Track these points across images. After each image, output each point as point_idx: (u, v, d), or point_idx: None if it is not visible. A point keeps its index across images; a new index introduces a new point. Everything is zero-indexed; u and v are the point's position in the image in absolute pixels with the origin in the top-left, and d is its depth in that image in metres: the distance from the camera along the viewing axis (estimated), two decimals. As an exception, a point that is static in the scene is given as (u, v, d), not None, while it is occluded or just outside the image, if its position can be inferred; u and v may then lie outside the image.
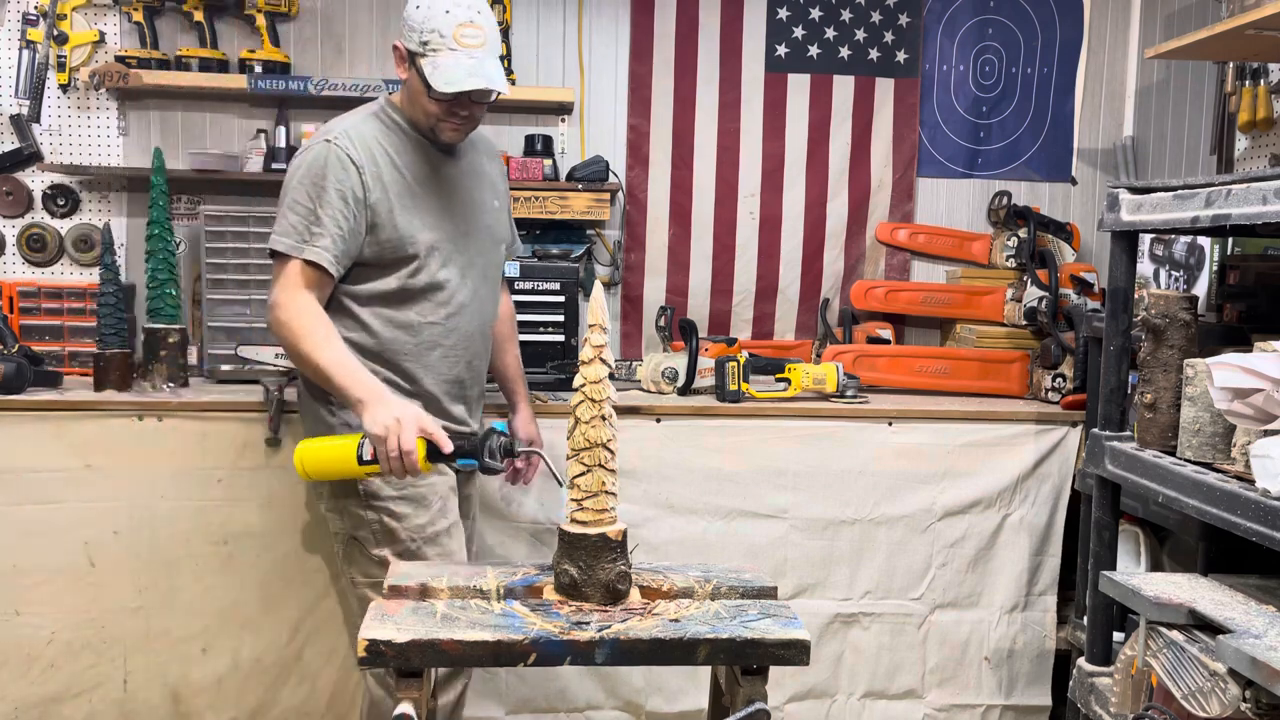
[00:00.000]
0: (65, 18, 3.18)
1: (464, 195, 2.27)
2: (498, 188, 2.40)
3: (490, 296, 2.35)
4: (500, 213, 2.39)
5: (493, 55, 2.11)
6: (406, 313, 2.19)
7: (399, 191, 2.16)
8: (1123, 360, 2.14)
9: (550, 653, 1.57)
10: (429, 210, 2.20)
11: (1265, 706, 1.53)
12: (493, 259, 2.35)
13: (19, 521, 2.65)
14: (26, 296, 3.09)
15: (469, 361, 2.30)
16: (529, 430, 2.51)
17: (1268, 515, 1.60)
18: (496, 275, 2.39)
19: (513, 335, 2.55)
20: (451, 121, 2.16)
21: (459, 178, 2.27)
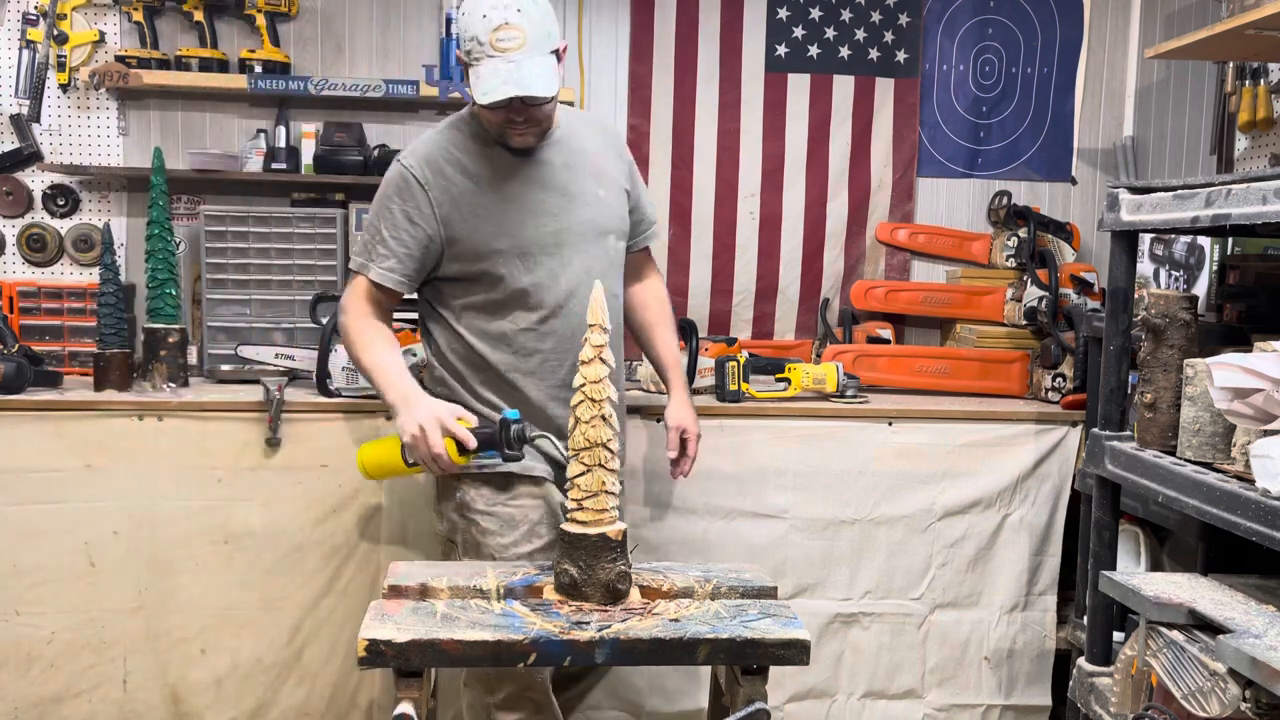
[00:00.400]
0: (65, 18, 3.18)
1: (553, 193, 2.20)
2: (605, 174, 2.28)
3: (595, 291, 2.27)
4: (607, 201, 2.27)
5: (535, 55, 2.00)
6: (499, 323, 2.19)
7: (471, 202, 2.15)
8: (1123, 360, 2.14)
9: (550, 653, 1.57)
10: (506, 217, 2.16)
11: (1265, 706, 1.52)
12: (596, 252, 2.23)
13: (19, 521, 2.65)
14: (26, 296, 3.09)
15: (574, 364, 2.16)
16: (677, 417, 2.42)
17: (1268, 515, 1.60)
18: (604, 267, 2.23)
19: (662, 320, 2.46)
20: (513, 129, 2.11)
21: (546, 176, 2.20)
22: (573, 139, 2.25)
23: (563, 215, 2.20)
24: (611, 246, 2.28)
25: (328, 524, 2.72)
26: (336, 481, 2.71)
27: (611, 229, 2.28)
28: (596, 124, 2.39)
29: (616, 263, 2.30)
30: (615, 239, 2.29)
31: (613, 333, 2.17)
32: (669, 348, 2.45)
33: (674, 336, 2.47)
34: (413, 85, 3.18)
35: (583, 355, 1.73)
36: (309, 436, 2.70)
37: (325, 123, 3.26)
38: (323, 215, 3.10)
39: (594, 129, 2.34)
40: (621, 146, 2.39)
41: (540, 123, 2.13)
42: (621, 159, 2.36)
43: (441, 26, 3.31)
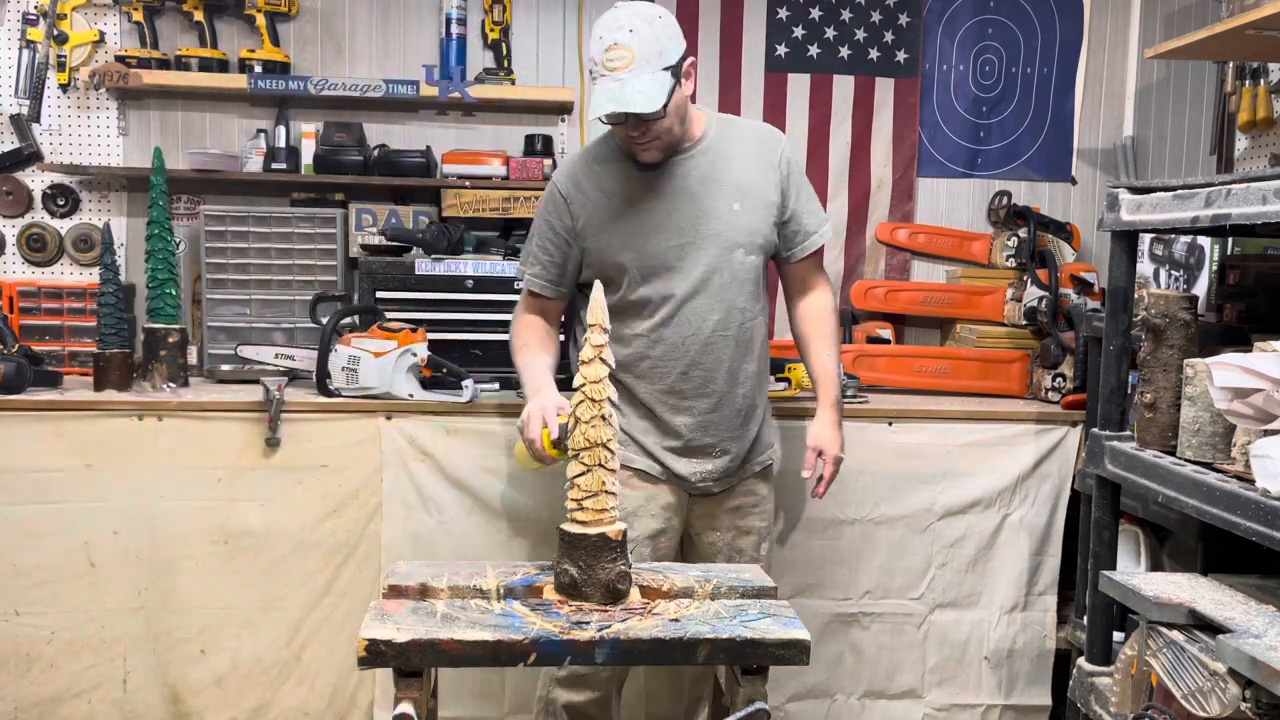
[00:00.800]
0: (65, 18, 3.18)
1: (683, 208, 2.25)
2: (748, 186, 2.29)
3: (716, 304, 2.26)
4: (741, 215, 2.27)
5: (642, 73, 2.07)
6: (619, 328, 2.26)
7: (602, 216, 2.27)
8: (1123, 360, 2.14)
9: (550, 652, 1.57)
10: (630, 230, 2.25)
11: (1265, 706, 1.52)
12: (719, 265, 2.26)
13: (19, 521, 2.65)
14: (26, 296, 3.09)
15: (683, 373, 2.28)
16: (816, 436, 2.38)
17: (1268, 515, 1.60)
18: (725, 280, 2.26)
19: (819, 333, 2.42)
20: (635, 144, 2.19)
21: (678, 190, 2.26)
22: (719, 150, 2.29)
23: (689, 230, 2.25)
24: (739, 260, 2.28)
25: (328, 524, 2.72)
26: (336, 481, 2.71)
27: (740, 243, 2.27)
28: (753, 133, 2.37)
29: (743, 276, 2.29)
30: (744, 253, 2.28)
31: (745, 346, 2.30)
32: (822, 363, 2.41)
33: (832, 352, 2.41)
34: (413, 85, 3.18)
35: (583, 355, 1.73)
36: (309, 436, 2.70)
37: (325, 123, 3.26)
38: (323, 215, 3.10)
39: (748, 139, 2.34)
40: (777, 155, 2.33)
41: (659, 137, 2.18)
42: (774, 169, 2.32)
43: (441, 26, 3.31)
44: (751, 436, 2.38)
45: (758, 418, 2.39)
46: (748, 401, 2.35)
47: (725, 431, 2.33)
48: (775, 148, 2.34)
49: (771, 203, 2.31)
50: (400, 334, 2.76)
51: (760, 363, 2.38)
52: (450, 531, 2.75)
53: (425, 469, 2.74)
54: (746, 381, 2.33)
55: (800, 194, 2.35)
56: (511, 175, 3.20)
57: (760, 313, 2.36)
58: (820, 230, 2.39)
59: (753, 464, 2.41)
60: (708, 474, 2.34)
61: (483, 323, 3.00)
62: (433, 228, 3.04)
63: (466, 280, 2.99)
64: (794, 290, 2.46)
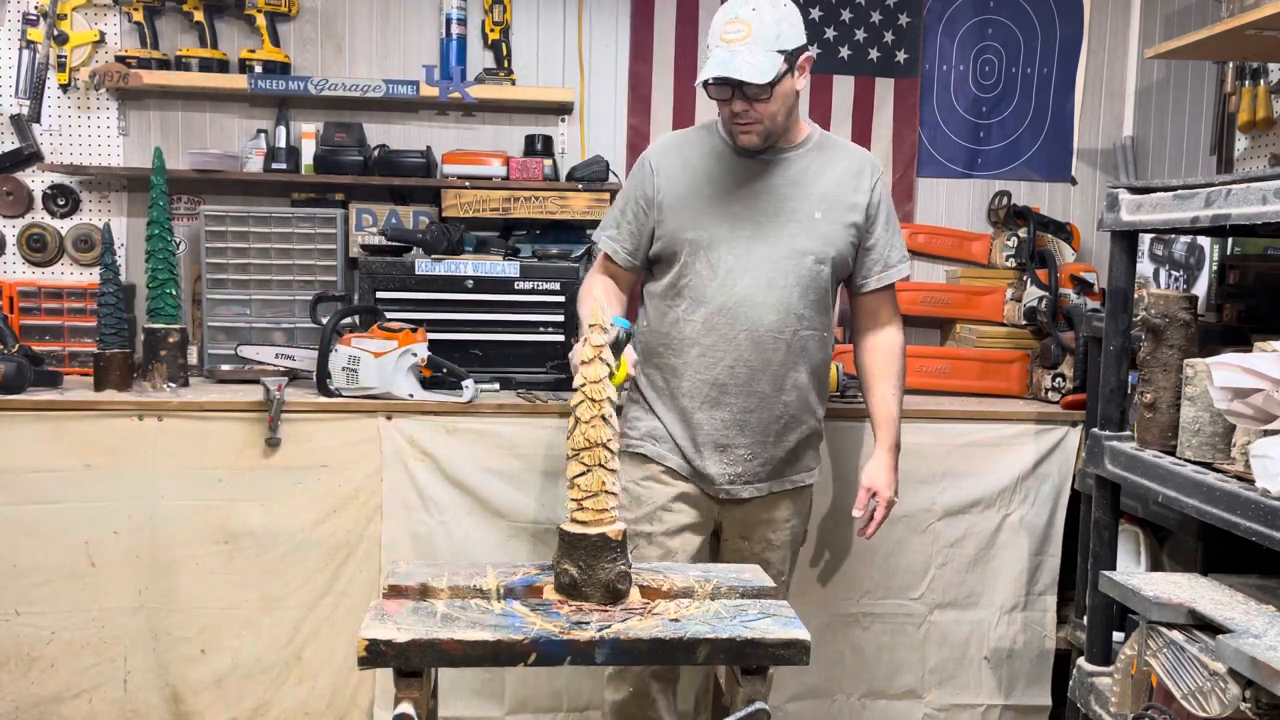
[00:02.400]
0: (65, 18, 3.18)
1: (764, 203, 2.26)
2: (835, 200, 2.28)
3: (777, 304, 2.24)
4: (821, 225, 2.26)
5: (756, 48, 2.09)
6: (674, 309, 2.29)
7: (683, 191, 2.28)
8: (1122, 360, 2.14)
9: (550, 653, 1.57)
10: (707, 211, 2.26)
11: (1265, 706, 1.53)
12: (787, 268, 2.24)
13: (19, 521, 2.65)
14: (26, 296, 3.09)
15: (730, 366, 2.26)
16: (871, 477, 2.34)
17: (1268, 515, 1.60)
18: (790, 284, 2.24)
19: (886, 372, 2.37)
20: (735, 124, 2.20)
21: (766, 186, 2.27)
22: (815, 160, 2.29)
23: (765, 225, 2.25)
24: (809, 268, 2.26)
25: (328, 524, 2.72)
26: (336, 481, 2.71)
27: (814, 251, 2.26)
28: (853, 155, 2.36)
29: (808, 283, 2.26)
30: (815, 261, 2.26)
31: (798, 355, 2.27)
32: (883, 403, 2.37)
33: (895, 392, 2.37)
34: (413, 85, 3.18)
35: (583, 355, 1.73)
36: (309, 436, 2.70)
37: (325, 123, 3.26)
38: (323, 215, 3.10)
39: (847, 158, 2.33)
40: (871, 179, 2.32)
41: (762, 121, 2.18)
42: (864, 191, 2.31)
43: (441, 26, 3.31)
44: (788, 448, 2.34)
45: (800, 432, 2.34)
46: (790, 411, 2.31)
47: (760, 435, 2.30)
48: (870, 172, 2.33)
49: (854, 224, 2.30)
50: (400, 334, 2.76)
51: (814, 379, 2.33)
52: (450, 531, 2.75)
53: (425, 469, 2.74)
54: (793, 391, 2.30)
55: (887, 224, 2.34)
56: (512, 175, 3.20)
57: (822, 327, 2.32)
58: (899, 265, 2.36)
59: (788, 478, 2.37)
60: (736, 476, 2.31)
61: (483, 323, 3.01)
62: (433, 228, 3.04)
63: (466, 280, 2.99)
64: (864, 323, 2.42)
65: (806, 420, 2.35)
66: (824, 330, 2.33)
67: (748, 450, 2.30)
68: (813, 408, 2.36)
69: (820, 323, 2.31)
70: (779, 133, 2.24)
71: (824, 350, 2.35)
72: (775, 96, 2.15)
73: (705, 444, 2.30)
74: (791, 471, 2.37)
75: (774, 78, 2.11)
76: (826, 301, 2.32)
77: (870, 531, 2.36)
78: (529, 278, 3.01)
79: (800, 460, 2.39)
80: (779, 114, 2.19)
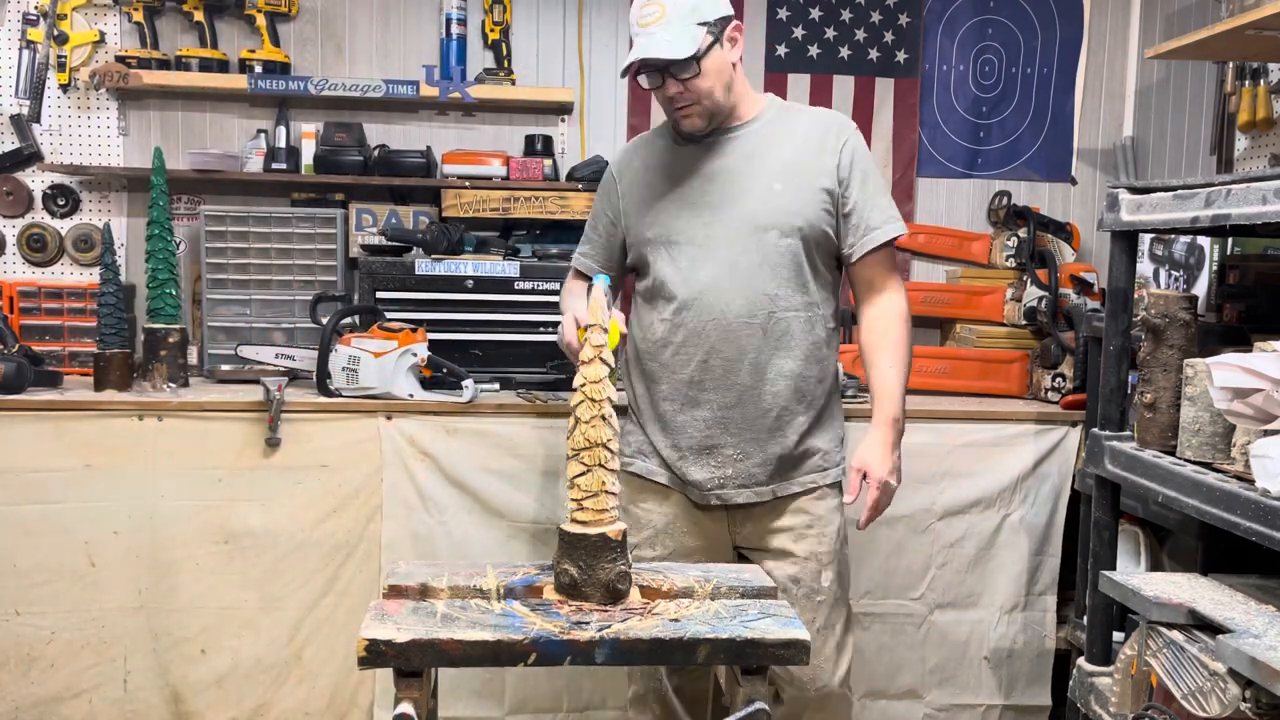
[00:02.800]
0: (65, 18, 3.18)
1: (718, 186, 2.13)
2: (795, 167, 2.12)
3: (743, 289, 2.10)
4: (781, 195, 2.10)
5: (673, 24, 2.01)
6: (650, 312, 2.22)
7: (640, 194, 2.22)
8: (1123, 360, 2.14)
9: (550, 653, 1.57)
10: (664, 207, 2.17)
11: (1265, 706, 1.52)
12: (748, 247, 2.10)
13: (19, 521, 2.65)
14: (26, 296, 3.09)
15: (704, 361, 2.13)
16: (862, 456, 2.12)
17: (1268, 515, 1.60)
18: (754, 263, 2.10)
19: (881, 344, 2.16)
20: (674, 110, 2.12)
21: (718, 167, 2.15)
22: (771, 131, 2.16)
23: (722, 208, 2.12)
24: (771, 243, 2.10)
25: (328, 524, 2.72)
26: (336, 481, 2.71)
27: (774, 225, 2.09)
28: (815, 118, 2.20)
29: (775, 260, 2.10)
30: (779, 235, 2.09)
31: (777, 340, 2.11)
32: (880, 374, 2.15)
33: (893, 363, 2.14)
34: (413, 85, 3.18)
35: (582, 355, 1.73)
36: (309, 436, 2.70)
37: (325, 123, 3.26)
38: (323, 215, 3.10)
39: (809, 123, 2.18)
40: (839, 140, 2.14)
41: (699, 101, 2.08)
42: (832, 153, 2.13)
43: (441, 27, 3.31)
44: (789, 445, 2.16)
45: (801, 426, 2.16)
46: (780, 403, 2.14)
47: (748, 432, 2.14)
48: (837, 133, 2.15)
49: (824, 189, 2.12)
50: (400, 334, 2.76)
51: (803, 363, 2.14)
52: (450, 531, 2.76)
53: (425, 469, 2.74)
54: (779, 380, 2.13)
55: (866, 185, 2.14)
56: (511, 175, 3.20)
57: (805, 306, 2.14)
58: (884, 226, 2.14)
59: (797, 479, 2.19)
60: (726, 479, 2.16)
61: (483, 323, 3.01)
62: (433, 228, 3.05)
63: (466, 280, 2.99)
64: (860, 295, 2.22)
65: (805, 411, 2.17)
66: (809, 310, 2.15)
67: (736, 450, 2.16)
68: (810, 396, 2.17)
69: (801, 301, 2.13)
70: (724, 111, 2.13)
71: (814, 331, 2.15)
72: (706, 72, 2.05)
73: (688, 448, 2.18)
74: (799, 471, 2.19)
75: (696, 51, 2.01)
76: (804, 278, 2.13)
77: (864, 519, 2.13)
78: (529, 278, 3.01)
79: (810, 456, 2.20)
80: (715, 90, 2.08)
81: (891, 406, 2.13)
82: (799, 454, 2.18)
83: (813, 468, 2.20)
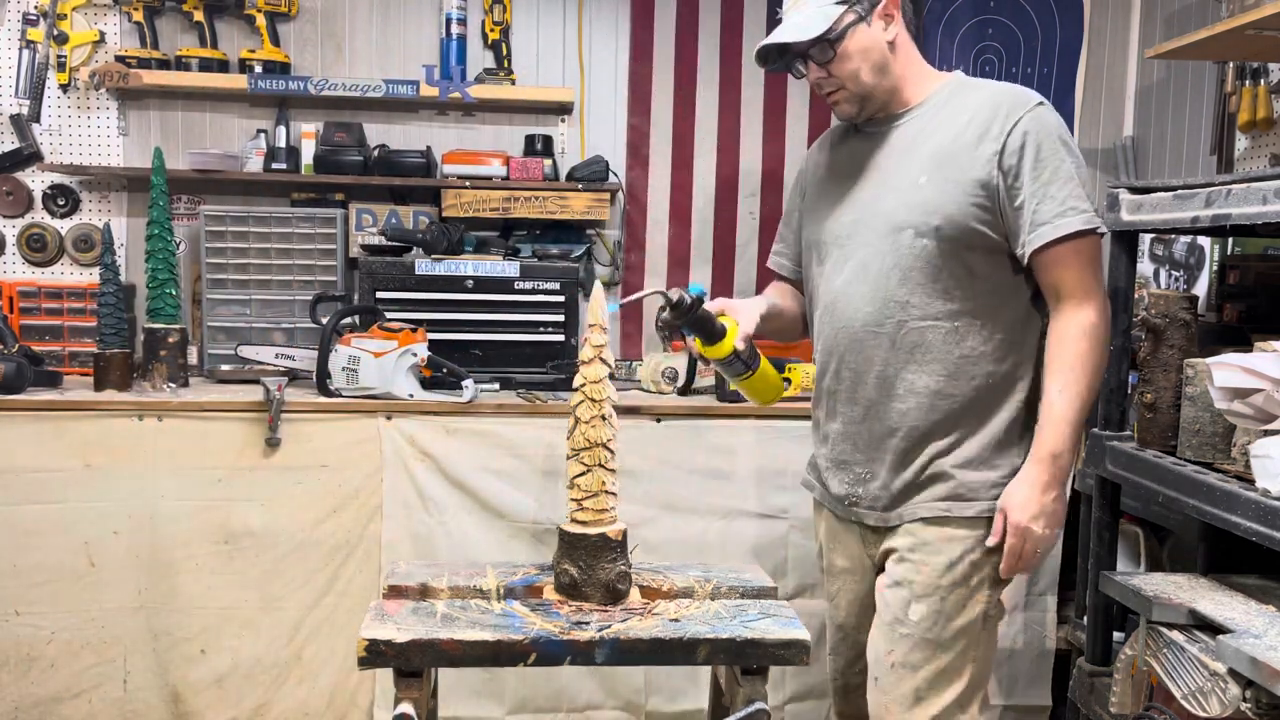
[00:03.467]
0: (65, 18, 3.18)
1: (871, 180, 1.90)
2: (946, 159, 1.81)
3: (873, 294, 1.84)
4: (924, 190, 1.81)
5: (807, 7, 1.81)
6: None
7: (814, 191, 2.04)
8: (1123, 360, 2.14)
9: (550, 653, 1.57)
10: (820, 205, 1.98)
11: (1265, 706, 1.53)
12: (883, 249, 1.83)
13: (19, 521, 2.65)
14: (26, 296, 3.09)
15: (836, 370, 1.91)
16: (1006, 493, 1.80)
17: (1268, 515, 1.60)
18: (886, 267, 1.83)
19: (1052, 366, 1.79)
20: (827, 97, 1.91)
21: (876, 160, 1.91)
22: (936, 115, 1.87)
23: (866, 206, 1.89)
24: (907, 244, 1.81)
25: (328, 524, 2.72)
26: (336, 481, 2.71)
27: (910, 223, 1.81)
28: (988, 96, 1.84)
29: (908, 264, 1.81)
30: (914, 235, 1.81)
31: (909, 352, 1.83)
32: (1046, 402, 1.79)
33: (1062, 389, 1.76)
34: (413, 85, 3.18)
35: (583, 355, 1.73)
36: (309, 436, 2.70)
37: (325, 123, 3.26)
38: (323, 215, 3.10)
39: (978, 103, 1.84)
40: (1007, 123, 1.78)
41: (845, 86, 1.85)
42: (994, 139, 1.78)
43: (441, 26, 3.31)
44: (918, 470, 1.84)
45: (934, 451, 1.84)
46: (909, 423, 1.84)
47: (874, 451, 1.88)
48: (1008, 113, 1.79)
49: (975, 180, 1.78)
50: (400, 334, 2.76)
51: (944, 380, 1.82)
52: (450, 531, 2.75)
53: (425, 469, 2.74)
54: (909, 397, 1.83)
55: (1039, 172, 1.76)
56: (511, 175, 3.20)
57: (948, 316, 1.81)
58: (1055, 220, 1.74)
59: (919, 503, 1.85)
60: (858, 498, 1.91)
61: (483, 323, 3.01)
62: (433, 228, 3.05)
63: (466, 280, 2.99)
64: (1048, 304, 1.84)
65: (945, 435, 1.84)
66: (954, 320, 1.81)
67: (865, 469, 1.90)
68: (956, 419, 1.83)
69: (942, 310, 1.81)
70: (879, 95, 1.87)
71: (963, 345, 1.81)
72: (848, 54, 1.80)
73: (830, 460, 1.96)
74: (924, 494, 1.86)
75: (826, 32, 1.78)
76: (946, 284, 1.81)
77: (1003, 567, 1.80)
78: (529, 278, 3.01)
79: (942, 482, 1.85)
80: (862, 73, 1.82)
81: (1051, 439, 1.76)
82: (927, 479, 1.86)
83: (947, 494, 1.85)
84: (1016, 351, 1.85)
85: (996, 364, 1.84)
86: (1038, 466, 1.77)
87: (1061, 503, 1.79)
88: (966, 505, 1.84)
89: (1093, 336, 1.77)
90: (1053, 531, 1.78)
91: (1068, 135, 1.80)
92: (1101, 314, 1.78)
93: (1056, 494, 1.78)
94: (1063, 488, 1.79)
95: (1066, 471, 1.79)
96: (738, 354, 1.82)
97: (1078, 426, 1.77)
